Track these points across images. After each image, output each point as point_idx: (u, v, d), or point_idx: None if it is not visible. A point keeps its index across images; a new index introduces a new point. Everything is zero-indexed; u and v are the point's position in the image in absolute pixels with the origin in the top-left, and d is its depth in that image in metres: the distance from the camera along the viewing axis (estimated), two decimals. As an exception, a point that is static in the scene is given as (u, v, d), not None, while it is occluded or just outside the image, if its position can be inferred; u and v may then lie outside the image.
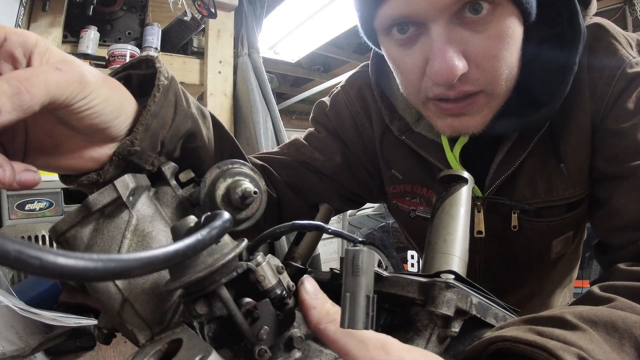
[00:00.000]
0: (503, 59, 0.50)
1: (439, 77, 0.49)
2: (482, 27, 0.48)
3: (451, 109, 0.53)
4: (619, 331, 0.34)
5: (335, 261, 4.01)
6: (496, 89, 0.52)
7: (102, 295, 0.35)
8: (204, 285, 0.31)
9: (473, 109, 0.54)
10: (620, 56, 0.55)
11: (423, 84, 0.54)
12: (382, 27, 0.53)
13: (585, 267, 2.32)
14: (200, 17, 1.58)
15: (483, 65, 0.50)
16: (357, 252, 0.30)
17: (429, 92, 0.53)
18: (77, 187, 0.40)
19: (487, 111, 0.54)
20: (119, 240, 0.35)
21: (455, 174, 0.50)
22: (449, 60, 0.47)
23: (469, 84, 0.51)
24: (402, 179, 0.72)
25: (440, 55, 0.48)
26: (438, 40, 0.48)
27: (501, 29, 0.49)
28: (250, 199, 0.40)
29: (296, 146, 0.75)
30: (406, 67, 0.54)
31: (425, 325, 0.35)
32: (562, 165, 0.59)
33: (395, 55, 0.55)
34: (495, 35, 0.49)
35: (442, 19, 0.47)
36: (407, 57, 0.53)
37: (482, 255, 0.69)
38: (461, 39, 0.48)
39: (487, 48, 0.49)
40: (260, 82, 1.82)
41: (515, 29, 0.50)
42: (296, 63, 3.42)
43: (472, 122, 0.55)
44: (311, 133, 0.77)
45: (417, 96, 0.56)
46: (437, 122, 0.57)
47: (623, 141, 0.54)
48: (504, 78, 0.52)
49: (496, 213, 0.65)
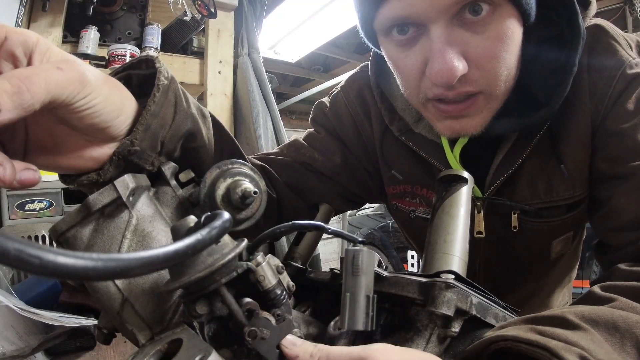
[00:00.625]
0: (502, 60, 0.50)
1: (438, 78, 0.49)
2: (481, 29, 0.48)
3: (450, 111, 0.54)
4: (620, 331, 0.34)
5: (335, 261, 4.00)
6: (495, 90, 0.52)
7: (102, 295, 0.35)
8: (204, 285, 0.31)
9: (472, 111, 0.54)
10: (620, 57, 0.55)
11: (422, 85, 0.54)
12: (382, 27, 0.53)
13: (585, 267, 2.32)
14: (200, 17, 1.58)
15: (483, 66, 0.50)
16: (357, 252, 0.30)
17: (428, 93, 0.53)
18: (77, 187, 0.40)
19: (486, 112, 0.55)
20: (119, 240, 0.35)
21: (455, 174, 0.50)
22: (449, 61, 0.47)
23: (469, 84, 0.51)
24: (402, 180, 0.72)
25: (440, 57, 0.48)
26: (438, 41, 0.48)
27: (501, 30, 0.49)
28: (250, 199, 0.40)
29: (296, 147, 0.75)
30: (406, 68, 0.54)
31: (425, 325, 0.35)
32: (562, 165, 0.59)
33: (395, 56, 0.55)
34: (495, 36, 0.49)
35: (442, 20, 0.47)
36: (407, 58, 0.53)
37: (482, 255, 0.69)
38: (461, 40, 0.48)
39: (487, 49, 0.49)
40: (260, 82, 1.82)
41: (514, 30, 0.50)
42: (296, 63, 3.42)
43: (472, 124, 0.55)
44: (311, 134, 0.77)
45: (416, 97, 0.56)
46: (436, 124, 0.58)
47: (623, 141, 0.54)
48: (503, 79, 0.52)
49: (496, 213, 0.65)
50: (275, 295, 0.34)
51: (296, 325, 0.37)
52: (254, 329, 0.32)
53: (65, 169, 0.39)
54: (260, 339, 0.32)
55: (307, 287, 0.49)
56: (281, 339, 0.34)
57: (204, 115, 0.48)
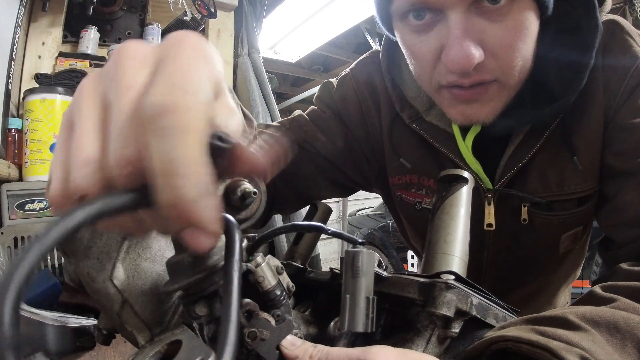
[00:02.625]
0: (518, 50, 0.50)
1: (455, 65, 0.49)
2: (500, 17, 0.48)
3: (463, 94, 0.54)
4: (621, 332, 0.34)
5: (335, 261, 4.01)
6: (509, 79, 0.53)
7: (102, 296, 0.35)
8: (204, 286, 0.31)
9: (484, 97, 0.54)
10: (634, 53, 0.55)
11: (437, 71, 0.54)
12: (399, 12, 0.53)
13: (586, 267, 2.32)
14: (200, 17, 1.58)
15: (499, 55, 0.50)
16: (356, 254, 0.30)
17: (442, 80, 0.53)
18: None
19: (497, 101, 0.55)
20: (119, 241, 0.35)
21: (456, 174, 0.50)
22: (466, 48, 0.47)
23: (484, 72, 0.51)
24: (410, 169, 0.71)
25: (457, 44, 0.48)
26: (455, 28, 0.48)
27: (519, 20, 0.49)
28: (250, 199, 0.39)
29: (299, 123, 0.74)
30: (420, 53, 0.54)
31: (425, 325, 0.35)
32: (575, 158, 0.59)
33: (410, 41, 0.55)
34: (513, 26, 0.49)
35: (460, 7, 0.47)
36: (422, 43, 0.53)
37: (491, 249, 0.69)
38: (479, 27, 0.48)
39: (504, 38, 0.49)
40: (260, 82, 1.82)
41: (532, 21, 0.50)
42: (296, 63, 3.43)
43: (483, 110, 0.55)
44: (315, 111, 0.76)
45: (429, 83, 0.56)
46: (449, 110, 0.57)
47: (633, 137, 0.54)
48: (517, 69, 0.52)
49: (506, 206, 0.64)
50: (274, 296, 0.34)
51: (296, 326, 0.37)
52: (254, 330, 0.32)
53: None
54: (259, 339, 0.32)
55: (307, 287, 0.48)
56: (281, 340, 0.34)
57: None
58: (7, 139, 1.30)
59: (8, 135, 1.30)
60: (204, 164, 0.20)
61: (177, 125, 0.19)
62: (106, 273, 0.34)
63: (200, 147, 0.19)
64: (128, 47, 0.23)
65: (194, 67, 0.20)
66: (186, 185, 0.19)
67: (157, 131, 0.19)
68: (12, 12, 1.29)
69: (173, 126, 0.19)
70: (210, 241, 0.21)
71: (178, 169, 0.19)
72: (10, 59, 1.29)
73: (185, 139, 0.19)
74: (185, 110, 0.19)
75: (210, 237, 0.21)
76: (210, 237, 0.21)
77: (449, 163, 0.64)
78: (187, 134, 0.19)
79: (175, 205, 0.19)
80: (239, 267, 0.25)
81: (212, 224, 0.21)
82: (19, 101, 1.38)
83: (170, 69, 0.20)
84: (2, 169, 1.16)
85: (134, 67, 0.21)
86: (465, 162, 0.63)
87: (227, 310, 0.22)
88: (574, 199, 0.62)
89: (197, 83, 0.20)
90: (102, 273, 0.34)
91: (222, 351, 0.20)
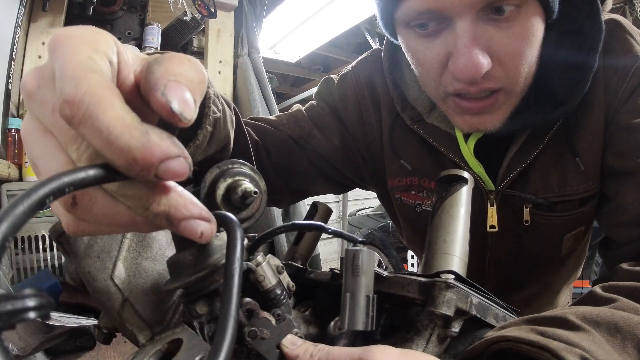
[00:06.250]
0: (525, 57, 0.50)
1: (463, 74, 0.48)
2: (507, 25, 0.48)
3: (471, 107, 0.53)
4: (621, 332, 0.34)
5: (335, 261, 4.01)
6: (515, 86, 0.52)
7: (103, 295, 0.35)
8: (204, 285, 0.31)
9: (493, 108, 0.54)
10: (635, 53, 0.55)
11: (443, 79, 0.53)
12: (404, 19, 0.52)
13: (586, 267, 2.32)
14: (200, 17, 1.58)
15: (505, 63, 0.50)
16: (357, 253, 0.30)
17: (448, 87, 0.53)
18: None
19: (505, 108, 0.55)
20: (119, 240, 0.35)
21: (456, 174, 0.50)
22: (475, 57, 0.47)
23: (491, 81, 0.50)
24: (411, 170, 0.70)
25: (466, 52, 0.47)
26: (464, 36, 0.47)
27: (526, 27, 0.49)
28: (251, 199, 0.40)
29: (297, 119, 0.73)
30: (426, 60, 0.53)
31: (425, 325, 0.35)
32: (577, 159, 0.58)
33: (415, 47, 0.54)
34: (520, 33, 0.48)
35: (468, 15, 0.47)
36: (428, 50, 0.52)
37: (493, 250, 0.68)
38: (486, 35, 0.48)
39: (511, 46, 0.49)
40: (260, 82, 1.82)
41: (538, 27, 0.50)
42: (296, 63, 3.42)
43: (491, 120, 0.55)
44: (314, 107, 0.76)
45: (436, 90, 0.56)
46: (455, 119, 0.57)
47: (633, 137, 0.54)
48: (523, 76, 0.52)
49: (509, 207, 0.64)
50: (275, 295, 0.34)
51: (296, 325, 0.37)
52: (254, 329, 0.32)
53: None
54: (260, 339, 0.32)
55: (307, 286, 0.48)
56: (281, 339, 0.34)
57: (232, 122, 0.46)
58: (7, 139, 1.30)
59: (8, 135, 1.30)
60: (126, 117, 0.21)
61: (82, 112, 0.20)
62: (107, 272, 0.34)
63: (113, 113, 0.20)
64: (27, 78, 0.24)
65: (71, 54, 0.21)
66: (120, 137, 0.20)
67: (77, 127, 0.20)
68: (12, 12, 1.29)
69: (81, 115, 0.20)
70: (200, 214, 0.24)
71: (109, 137, 0.20)
72: (10, 59, 1.29)
73: (97, 118, 0.20)
74: (82, 95, 0.20)
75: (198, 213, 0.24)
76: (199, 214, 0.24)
77: (451, 165, 0.64)
78: (97, 111, 0.20)
79: (125, 155, 0.20)
80: (240, 265, 0.25)
81: (171, 149, 0.21)
82: (19, 101, 1.39)
83: (58, 72, 0.21)
84: (2, 169, 1.16)
85: (43, 87, 0.23)
86: (467, 164, 0.63)
87: (227, 309, 0.22)
88: (575, 200, 0.62)
89: (78, 66, 0.21)
90: (103, 272, 0.34)
91: (219, 347, 0.20)
